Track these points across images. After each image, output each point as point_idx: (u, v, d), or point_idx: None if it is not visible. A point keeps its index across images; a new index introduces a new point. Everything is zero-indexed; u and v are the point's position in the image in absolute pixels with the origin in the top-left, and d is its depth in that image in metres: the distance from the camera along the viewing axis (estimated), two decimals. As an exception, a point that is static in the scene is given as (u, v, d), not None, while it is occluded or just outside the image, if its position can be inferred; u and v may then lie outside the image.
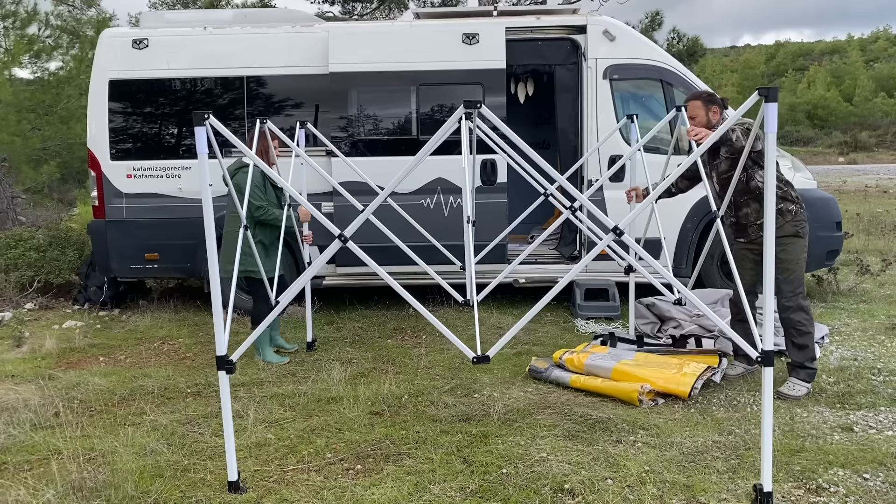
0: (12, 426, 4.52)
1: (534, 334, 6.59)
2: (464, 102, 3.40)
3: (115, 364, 6.03)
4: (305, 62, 7.37)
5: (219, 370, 3.54)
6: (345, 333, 6.78)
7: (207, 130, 3.37)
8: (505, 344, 3.58)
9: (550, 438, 4.16)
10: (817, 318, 6.82)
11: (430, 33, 7.44)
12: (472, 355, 3.50)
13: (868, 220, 13.25)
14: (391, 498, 3.51)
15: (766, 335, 3.28)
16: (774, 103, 3.15)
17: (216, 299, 3.50)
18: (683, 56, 24.90)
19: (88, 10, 16.33)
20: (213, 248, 3.47)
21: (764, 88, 3.18)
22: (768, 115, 3.15)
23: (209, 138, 3.40)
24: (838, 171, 27.06)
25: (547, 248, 8.11)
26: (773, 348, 3.27)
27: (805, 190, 7.49)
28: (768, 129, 3.17)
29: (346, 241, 3.47)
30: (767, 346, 3.25)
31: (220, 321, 3.53)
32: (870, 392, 4.86)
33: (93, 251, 7.89)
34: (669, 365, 5.08)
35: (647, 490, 3.52)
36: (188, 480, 3.76)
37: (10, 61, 11.77)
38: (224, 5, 18.98)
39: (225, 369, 3.54)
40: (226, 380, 3.59)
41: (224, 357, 3.52)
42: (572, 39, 7.46)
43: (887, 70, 54.65)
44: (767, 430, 3.33)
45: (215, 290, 3.49)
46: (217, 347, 3.52)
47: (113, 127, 7.46)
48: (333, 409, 4.72)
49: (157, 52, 7.45)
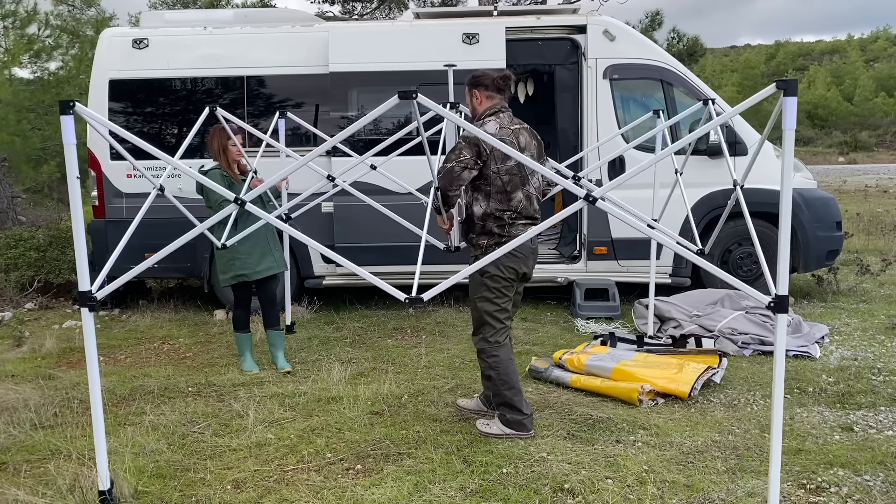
0: (12, 426, 4.52)
1: (534, 334, 6.59)
2: (398, 93, 3.15)
3: (115, 364, 6.03)
4: (305, 62, 7.37)
5: (81, 307, 3.32)
6: (345, 333, 6.78)
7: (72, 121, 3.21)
8: (442, 290, 3.32)
9: (550, 438, 4.16)
10: (817, 318, 6.83)
11: (430, 33, 7.44)
12: (403, 297, 3.30)
13: (868, 220, 13.25)
14: (391, 498, 3.51)
15: (781, 280, 3.02)
16: (794, 97, 2.89)
17: (79, 237, 3.29)
18: (683, 56, 24.92)
19: (88, 10, 16.32)
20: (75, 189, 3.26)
21: (783, 81, 2.90)
22: (787, 110, 2.91)
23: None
24: (838, 171, 27.05)
25: (547, 248, 8.11)
26: (786, 293, 2.99)
27: (805, 190, 7.52)
28: (786, 125, 2.92)
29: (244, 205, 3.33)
30: (781, 290, 3.00)
31: (83, 255, 3.32)
32: (870, 392, 4.86)
33: (93, 251, 7.88)
34: (669, 365, 5.08)
35: (647, 490, 3.52)
36: (188, 480, 3.76)
37: (10, 61, 11.77)
38: (224, 5, 18.98)
39: (87, 306, 3.30)
40: (89, 317, 3.36)
41: (87, 292, 3.29)
42: (572, 39, 7.47)
43: (887, 70, 54.59)
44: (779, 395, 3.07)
45: (78, 229, 3.28)
46: (79, 282, 3.31)
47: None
48: (333, 409, 4.72)
49: (157, 52, 7.45)
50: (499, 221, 4.03)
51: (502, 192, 4.02)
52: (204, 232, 3.63)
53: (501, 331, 4.17)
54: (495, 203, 4.03)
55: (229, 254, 5.34)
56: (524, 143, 4.12)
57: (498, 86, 4.16)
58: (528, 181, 4.09)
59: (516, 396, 4.15)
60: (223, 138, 5.41)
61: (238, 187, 5.38)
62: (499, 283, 4.08)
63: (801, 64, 68.29)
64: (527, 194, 4.08)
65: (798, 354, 5.68)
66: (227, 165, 5.46)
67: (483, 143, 3.92)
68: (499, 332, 4.16)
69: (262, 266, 5.50)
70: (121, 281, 3.45)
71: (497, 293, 4.10)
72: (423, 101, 3.21)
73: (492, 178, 4.00)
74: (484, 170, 4.00)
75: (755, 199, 7.25)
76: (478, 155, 3.96)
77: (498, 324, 4.15)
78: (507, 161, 3.98)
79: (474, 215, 4.10)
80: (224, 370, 5.67)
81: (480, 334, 4.19)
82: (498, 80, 4.15)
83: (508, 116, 4.15)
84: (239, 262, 5.39)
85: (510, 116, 4.17)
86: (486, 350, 4.17)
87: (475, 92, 4.19)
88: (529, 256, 4.16)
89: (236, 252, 5.35)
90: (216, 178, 5.35)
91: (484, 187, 4.04)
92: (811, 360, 5.61)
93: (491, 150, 3.95)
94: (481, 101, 4.18)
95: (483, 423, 4.30)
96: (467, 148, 3.97)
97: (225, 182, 5.37)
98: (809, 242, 7.33)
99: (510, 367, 4.15)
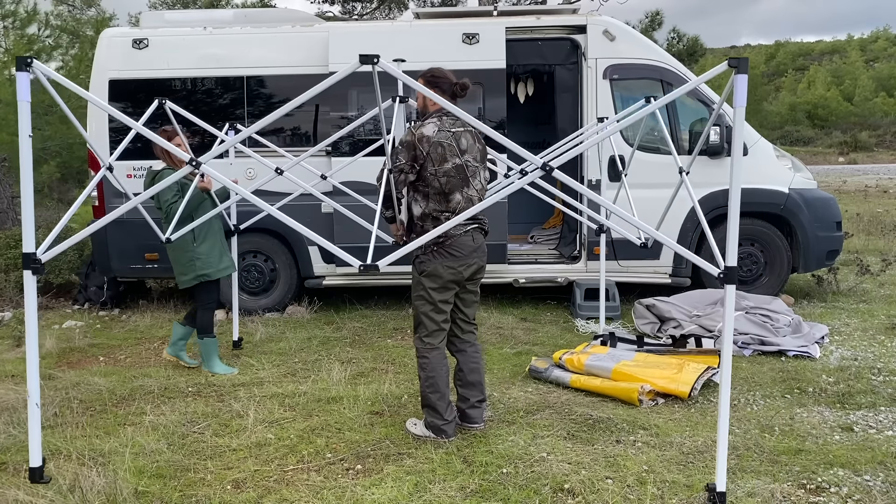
0: (12, 426, 4.53)
1: (534, 334, 6.59)
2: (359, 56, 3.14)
3: (115, 364, 6.03)
4: (305, 62, 7.37)
5: (24, 269, 3.27)
6: (345, 333, 6.78)
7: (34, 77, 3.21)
8: (396, 258, 3.38)
9: (550, 438, 4.16)
10: (817, 318, 6.83)
11: (430, 33, 7.44)
12: (357, 264, 3.31)
13: (868, 220, 13.26)
14: (391, 498, 3.51)
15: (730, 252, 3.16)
16: (745, 75, 2.95)
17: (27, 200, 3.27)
18: (683, 56, 24.92)
19: (88, 10, 16.33)
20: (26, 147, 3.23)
21: (734, 59, 2.97)
22: (738, 87, 2.97)
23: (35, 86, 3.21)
24: (838, 171, 27.06)
25: (547, 248, 8.11)
26: (734, 264, 3.15)
27: (805, 190, 7.51)
28: (737, 102, 3.00)
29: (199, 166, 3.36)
30: (730, 262, 3.15)
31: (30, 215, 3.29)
32: (870, 392, 4.86)
33: (93, 251, 7.89)
34: (669, 365, 5.08)
35: (647, 490, 3.52)
36: (188, 480, 3.76)
37: (10, 61, 11.76)
38: (224, 5, 18.97)
39: (31, 269, 3.25)
40: (31, 280, 3.32)
41: (31, 255, 3.24)
42: (572, 39, 7.46)
43: (887, 70, 54.58)
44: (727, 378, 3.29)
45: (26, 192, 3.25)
46: (24, 243, 3.26)
47: (113, 127, 7.45)
48: (333, 409, 4.72)
49: (157, 52, 7.45)
50: (436, 222, 4.02)
51: (440, 194, 4.03)
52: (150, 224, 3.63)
53: (436, 333, 4.16)
54: (434, 203, 4.04)
55: (188, 255, 5.42)
56: (465, 145, 4.11)
57: (454, 92, 4.14)
58: (469, 183, 4.10)
59: (440, 401, 4.15)
60: (168, 137, 5.45)
61: (189, 187, 5.42)
62: (436, 283, 4.07)
63: (801, 64, 68.30)
64: (467, 196, 4.08)
65: (798, 354, 5.69)
66: (174, 164, 5.49)
67: (419, 146, 3.96)
68: (433, 334, 4.16)
69: (222, 265, 5.57)
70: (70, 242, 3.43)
71: (435, 292, 4.09)
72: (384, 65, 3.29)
73: (429, 180, 4.02)
74: (422, 171, 4.02)
75: (755, 199, 7.29)
76: (413, 159, 3.99)
77: (432, 324, 4.14)
78: (444, 163, 4.00)
79: (413, 215, 4.13)
80: (224, 370, 5.67)
81: (417, 333, 4.22)
82: (456, 87, 4.13)
83: (451, 119, 4.12)
84: (200, 263, 5.40)
85: (454, 119, 4.13)
86: (419, 349, 4.19)
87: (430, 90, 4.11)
88: (471, 256, 4.11)
89: (196, 252, 5.42)
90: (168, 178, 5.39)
91: (422, 188, 4.06)
92: (811, 360, 5.61)
93: (427, 153, 3.98)
94: (433, 101, 4.03)
95: (412, 423, 4.35)
96: (403, 152, 4.00)
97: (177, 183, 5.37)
98: (809, 242, 7.33)
99: (439, 371, 4.15)
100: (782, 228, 7.44)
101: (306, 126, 7.62)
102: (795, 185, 7.41)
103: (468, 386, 4.28)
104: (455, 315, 4.30)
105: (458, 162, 4.02)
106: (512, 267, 7.54)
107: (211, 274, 5.49)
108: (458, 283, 4.14)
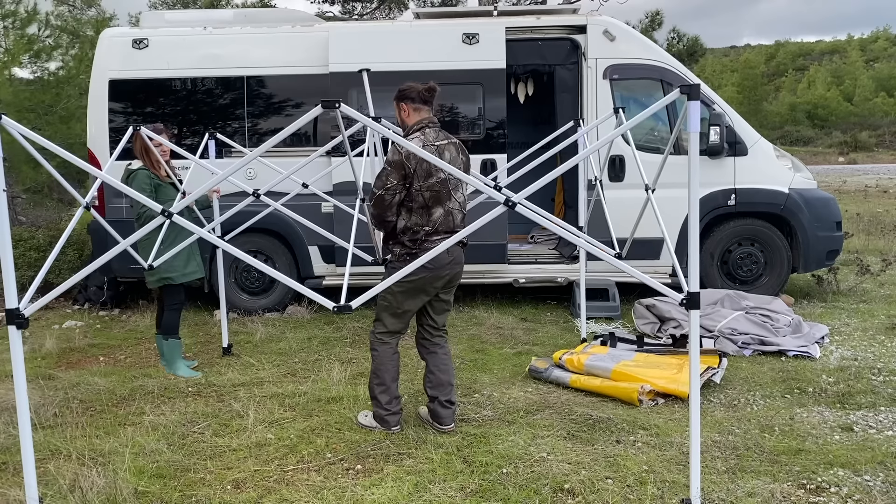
0: (12, 426, 4.52)
1: (534, 334, 6.59)
2: (321, 102, 3.18)
3: (115, 364, 6.03)
4: (305, 62, 7.37)
5: (9, 324, 3.24)
6: (345, 333, 6.78)
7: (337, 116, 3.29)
8: (368, 298, 3.45)
9: (550, 438, 4.16)
10: (817, 318, 6.83)
11: (430, 33, 7.44)
12: (331, 305, 3.35)
13: (868, 220, 13.26)
14: (391, 498, 3.51)
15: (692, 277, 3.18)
16: (696, 101, 3.07)
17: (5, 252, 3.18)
18: (683, 56, 24.91)
19: (88, 10, 16.32)
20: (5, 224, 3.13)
21: (686, 86, 3.08)
22: (691, 113, 3.07)
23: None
24: (838, 171, 27.06)
25: (547, 248, 8.11)
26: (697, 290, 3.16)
27: (805, 190, 7.51)
28: (691, 127, 3.08)
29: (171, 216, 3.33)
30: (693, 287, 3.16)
31: (10, 270, 3.21)
32: (870, 392, 4.86)
33: (93, 251, 7.88)
34: (669, 365, 5.08)
35: (647, 490, 3.52)
36: (188, 480, 3.76)
37: (10, 61, 11.76)
38: (224, 5, 18.97)
39: (15, 324, 3.24)
40: (17, 336, 3.31)
41: (15, 310, 3.23)
42: (572, 39, 7.46)
43: (887, 70, 54.62)
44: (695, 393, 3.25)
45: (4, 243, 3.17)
46: (7, 298, 3.21)
47: (113, 127, 7.46)
48: (333, 409, 4.72)
49: (157, 52, 7.45)
50: (413, 235, 4.06)
51: (423, 208, 4.05)
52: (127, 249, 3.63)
53: (391, 334, 4.31)
54: (416, 217, 4.06)
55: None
56: (449, 158, 4.12)
57: (424, 97, 4.13)
58: (451, 196, 4.12)
59: (383, 394, 4.31)
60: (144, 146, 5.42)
61: (165, 189, 5.43)
62: (404, 287, 4.08)
63: (801, 64, 68.37)
64: (447, 209, 4.11)
65: (798, 354, 5.69)
66: (152, 165, 5.47)
67: (408, 165, 3.96)
68: (388, 334, 4.31)
69: (188, 269, 5.52)
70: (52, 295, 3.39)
71: (402, 296, 4.17)
72: (346, 110, 3.25)
73: (414, 196, 4.03)
74: (409, 188, 4.03)
75: (755, 199, 7.30)
76: (403, 178, 3.99)
77: (389, 326, 4.29)
78: (428, 178, 4.01)
79: (396, 228, 4.13)
80: (224, 370, 5.67)
81: (374, 327, 4.36)
82: (423, 92, 4.13)
83: (434, 132, 4.13)
84: (164, 265, 5.23)
85: (437, 131, 4.15)
86: (372, 342, 4.37)
87: (402, 105, 4.16)
88: (444, 268, 4.12)
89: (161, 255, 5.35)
90: (143, 178, 5.39)
91: (407, 203, 4.06)
92: (811, 360, 5.61)
93: (414, 170, 3.98)
94: (409, 115, 4.15)
95: (363, 414, 4.50)
96: (393, 173, 3.98)
97: (151, 184, 5.39)
98: (809, 242, 7.33)
99: (387, 366, 4.32)
100: (782, 228, 7.44)
101: (306, 126, 7.62)
102: (795, 185, 7.41)
103: (437, 386, 4.36)
104: (424, 320, 4.41)
105: (441, 176, 4.03)
106: (512, 267, 7.54)
107: (174, 278, 5.45)
108: (427, 293, 4.21)
